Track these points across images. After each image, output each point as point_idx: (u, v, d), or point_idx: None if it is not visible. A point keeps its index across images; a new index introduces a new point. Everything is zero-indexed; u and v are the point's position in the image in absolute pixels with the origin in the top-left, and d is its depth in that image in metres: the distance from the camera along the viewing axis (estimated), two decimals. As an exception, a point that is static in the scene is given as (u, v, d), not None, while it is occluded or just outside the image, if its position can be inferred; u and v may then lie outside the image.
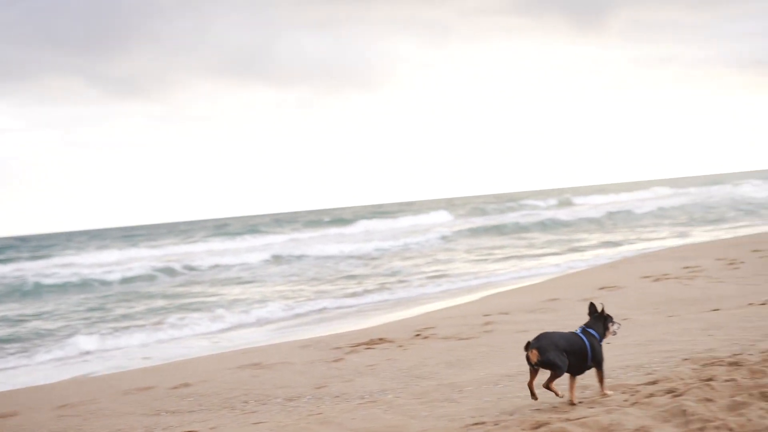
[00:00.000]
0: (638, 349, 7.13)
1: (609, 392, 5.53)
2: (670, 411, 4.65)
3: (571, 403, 5.42)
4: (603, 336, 5.70)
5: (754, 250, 14.96)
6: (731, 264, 13.27)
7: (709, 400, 4.76)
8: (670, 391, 5.19)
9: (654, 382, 5.60)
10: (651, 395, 5.19)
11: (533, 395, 5.50)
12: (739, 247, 16.14)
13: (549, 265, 19.60)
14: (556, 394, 5.45)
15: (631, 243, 24.34)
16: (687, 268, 13.43)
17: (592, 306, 5.86)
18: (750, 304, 9.04)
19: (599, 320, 5.78)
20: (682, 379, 5.54)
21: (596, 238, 28.28)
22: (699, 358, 6.25)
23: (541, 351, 5.32)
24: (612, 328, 5.80)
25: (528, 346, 5.37)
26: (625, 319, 9.11)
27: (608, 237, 28.03)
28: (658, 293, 10.89)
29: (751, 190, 59.67)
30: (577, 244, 25.83)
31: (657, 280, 12.36)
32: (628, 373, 6.21)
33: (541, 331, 5.59)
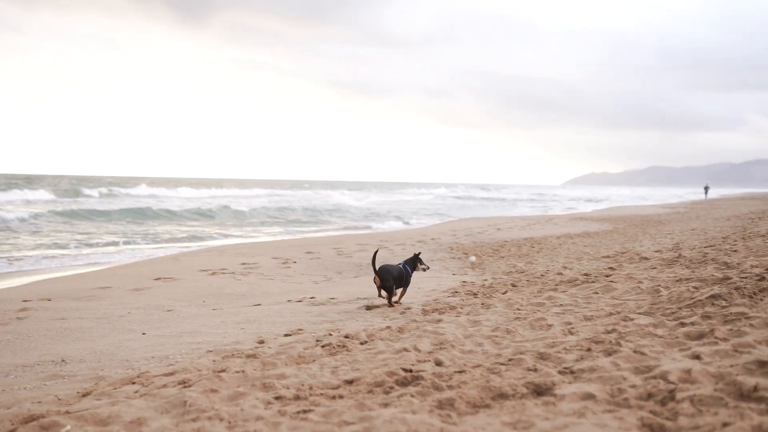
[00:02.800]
0: (171, 341, 7.09)
1: (401, 303, 8.77)
2: (172, 402, 4.60)
3: (398, 303, 8.75)
4: (413, 269, 9.04)
5: (308, 252, 16.21)
6: (284, 263, 14.14)
7: (213, 391, 4.83)
8: (182, 383, 5.18)
9: (172, 374, 5.56)
10: (164, 386, 5.13)
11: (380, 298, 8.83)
12: (297, 248, 17.35)
13: (118, 252, 18.80)
14: (390, 303, 8.62)
15: (215, 238, 24.41)
16: (245, 264, 13.96)
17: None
18: (288, 300, 9.65)
19: (413, 260, 9.09)
20: (199, 370, 5.60)
21: (181, 230, 27.99)
22: (222, 350, 6.40)
23: (382, 279, 8.54)
24: (420, 266, 9.13)
25: (375, 274, 8.55)
26: (169, 311, 9.08)
27: (193, 230, 27.92)
28: (211, 287, 11.08)
29: (339, 198, 65.01)
30: (162, 236, 25.11)
31: (213, 274, 12.61)
32: (151, 364, 6.11)
33: (382, 264, 8.81)
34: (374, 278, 8.60)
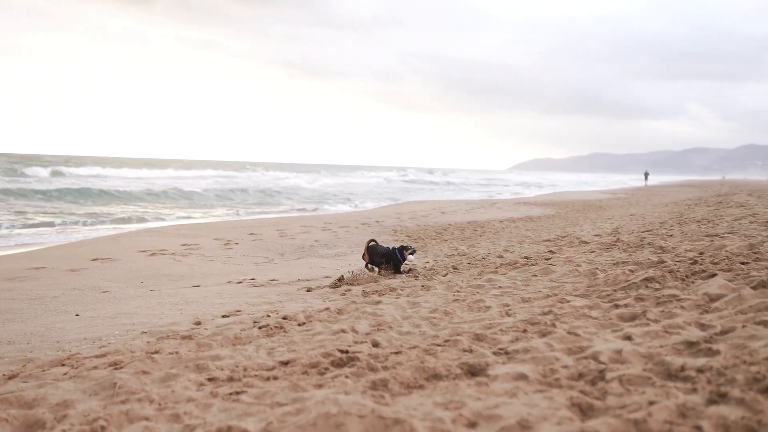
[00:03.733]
0: (105, 322, 6.93)
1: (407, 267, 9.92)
2: (101, 384, 4.49)
3: (379, 273, 9.62)
4: (401, 255, 9.74)
5: (250, 233, 16.04)
6: (226, 245, 13.96)
7: (145, 372, 4.73)
8: (114, 364, 5.07)
9: (103, 355, 5.44)
10: (94, 368, 5.00)
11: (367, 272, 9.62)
12: (240, 229, 17.15)
13: (55, 233, 18.27)
14: (378, 273, 9.56)
15: (162, 219, 23.74)
16: (185, 245, 13.73)
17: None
18: (228, 282, 9.53)
19: (403, 249, 9.78)
20: (132, 351, 5.49)
21: (126, 210, 27.25)
22: (158, 332, 6.28)
23: (370, 255, 9.57)
24: (406, 253, 9.77)
25: (366, 250, 9.62)
26: (105, 292, 8.88)
27: (140, 211, 27.16)
28: (150, 267, 10.87)
29: (290, 181, 64.03)
30: (104, 216, 24.27)
31: (153, 255, 12.37)
32: (83, 346, 5.96)
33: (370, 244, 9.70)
34: (363, 254, 9.76)
